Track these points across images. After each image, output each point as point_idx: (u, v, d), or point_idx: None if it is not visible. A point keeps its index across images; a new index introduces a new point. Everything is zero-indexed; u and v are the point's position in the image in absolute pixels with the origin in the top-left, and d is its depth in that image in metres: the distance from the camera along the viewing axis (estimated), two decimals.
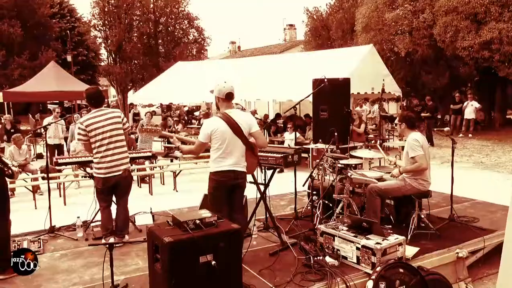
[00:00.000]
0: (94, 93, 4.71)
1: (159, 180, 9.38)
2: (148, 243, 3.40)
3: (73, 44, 28.10)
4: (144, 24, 27.78)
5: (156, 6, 28.32)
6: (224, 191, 3.99)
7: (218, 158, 3.92)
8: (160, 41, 29.03)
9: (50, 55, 24.63)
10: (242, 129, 3.93)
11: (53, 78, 15.54)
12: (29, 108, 25.18)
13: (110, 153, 4.60)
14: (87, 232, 5.15)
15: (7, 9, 24.33)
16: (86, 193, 8.49)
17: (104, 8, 26.29)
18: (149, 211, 5.80)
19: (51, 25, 27.63)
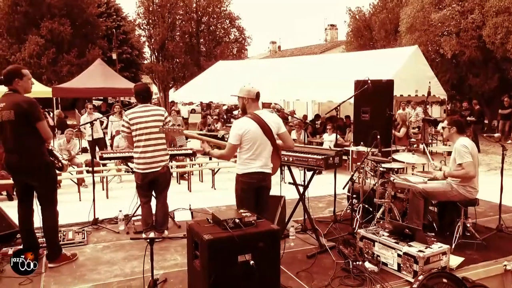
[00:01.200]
0: (141, 89, 4.84)
1: (198, 177, 9.50)
2: (188, 240, 3.44)
3: (118, 42, 28.92)
4: (186, 23, 28.26)
5: (198, 6, 28.74)
6: (252, 192, 3.96)
7: (247, 160, 3.87)
8: (201, 40, 29.45)
9: (96, 53, 25.46)
10: (272, 130, 3.90)
11: (99, 75, 16.06)
12: (75, 103, 26.13)
13: (150, 149, 4.69)
14: (128, 226, 5.28)
15: (58, 9, 25.36)
16: (128, 188, 8.72)
17: (149, 8, 26.94)
18: (188, 207, 5.88)
19: (98, 24, 28.55)
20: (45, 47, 24.24)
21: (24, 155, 3.89)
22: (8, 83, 3.89)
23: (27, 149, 3.89)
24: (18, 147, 3.87)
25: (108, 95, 23.07)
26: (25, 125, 3.82)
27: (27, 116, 3.81)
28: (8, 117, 3.79)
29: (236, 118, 22.04)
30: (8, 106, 3.80)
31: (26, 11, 24.91)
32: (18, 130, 3.83)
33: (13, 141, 3.86)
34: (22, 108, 3.78)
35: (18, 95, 3.89)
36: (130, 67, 32.62)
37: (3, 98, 3.91)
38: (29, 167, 3.94)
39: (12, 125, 3.81)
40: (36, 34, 24.37)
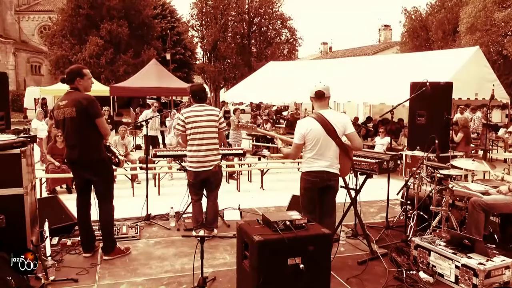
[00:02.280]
0: (197, 90, 4.92)
1: (247, 177, 9.54)
2: (238, 240, 3.44)
3: (172, 43, 29.74)
4: (238, 24, 28.58)
5: (250, 7, 28.99)
6: (316, 192, 3.92)
7: (311, 159, 3.86)
8: (253, 41, 29.68)
9: (151, 53, 26.32)
10: (336, 130, 3.83)
11: (153, 74, 16.53)
12: (130, 102, 27.12)
13: (203, 148, 4.75)
14: (179, 223, 5.39)
15: (116, 11, 26.47)
16: (179, 185, 8.91)
17: (202, 9, 27.49)
18: (237, 207, 5.90)
19: (154, 25, 29.50)
20: (104, 47, 25.36)
21: (84, 150, 4.06)
22: (71, 82, 4.09)
23: (87, 145, 4.06)
24: (78, 142, 4.04)
25: (161, 95, 23.71)
26: (85, 122, 3.99)
27: (88, 113, 3.98)
28: (70, 114, 3.97)
29: (285, 119, 22.03)
30: (70, 103, 3.99)
31: (88, 14, 26.19)
32: (79, 127, 4.00)
33: (74, 137, 4.04)
34: (82, 105, 3.95)
35: (79, 93, 4.08)
36: (182, 67, 33.41)
37: (65, 96, 4.10)
38: (89, 162, 4.11)
39: (73, 121, 3.99)
40: (96, 35, 25.56)
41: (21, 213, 3.76)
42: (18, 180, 3.72)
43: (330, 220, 4.07)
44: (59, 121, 4.09)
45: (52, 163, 8.06)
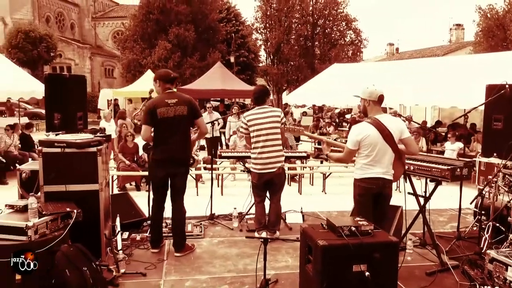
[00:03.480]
0: (260, 91, 4.96)
1: (309, 180, 9.47)
2: (301, 243, 3.42)
3: (236, 46, 30.24)
4: (302, 27, 28.50)
5: (315, 9, 28.78)
6: (370, 199, 3.79)
7: (366, 165, 3.73)
8: (316, 43, 29.44)
9: (216, 56, 26.93)
10: (393, 135, 3.68)
11: (218, 77, 16.93)
12: None
13: (266, 150, 4.77)
14: (241, 223, 5.46)
15: (184, 15, 27.39)
16: (241, 186, 9.02)
17: (266, 12, 27.71)
18: (299, 210, 5.87)
19: (219, 29, 30.15)
20: (171, 51, 26.33)
21: (186, 148, 4.35)
22: (171, 83, 4.35)
23: (188, 142, 4.37)
24: (182, 140, 4.29)
25: (226, 97, 24.22)
26: (190, 120, 4.28)
27: (194, 112, 4.25)
28: (182, 112, 4.20)
29: (348, 121, 21.62)
30: (181, 102, 4.22)
31: (157, 19, 27.33)
32: (185, 124, 4.27)
33: (180, 134, 4.25)
34: (192, 104, 4.26)
35: (181, 93, 4.37)
36: (246, 70, 33.84)
37: (170, 95, 4.28)
38: (185, 160, 4.39)
39: (183, 119, 4.22)
40: (165, 39, 26.59)
41: (96, 208, 3.99)
42: (94, 176, 3.94)
43: (385, 226, 3.91)
44: (168, 117, 4.18)
45: (123, 161, 8.49)
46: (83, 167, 3.92)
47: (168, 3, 27.13)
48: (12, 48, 29.01)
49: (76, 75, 5.26)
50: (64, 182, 3.89)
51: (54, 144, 3.87)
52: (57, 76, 5.10)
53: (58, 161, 3.87)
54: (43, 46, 29.99)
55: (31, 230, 3.26)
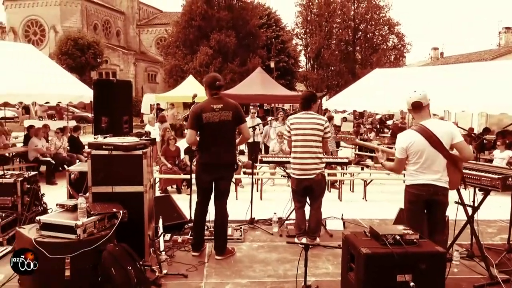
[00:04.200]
0: (306, 96, 4.95)
1: (349, 187, 9.32)
2: (343, 251, 3.37)
3: (276, 51, 30.33)
4: (343, 31, 28.24)
5: (356, 13, 28.45)
6: (421, 206, 3.69)
7: (415, 172, 3.65)
8: (357, 48, 29.08)
9: (256, 62, 27.13)
10: (441, 141, 3.56)
11: (258, 82, 17.00)
12: None
13: (306, 156, 4.74)
14: (281, 229, 5.44)
15: (225, 21, 27.81)
16: (280, 191, 9.01)
17: (307, 17, 27.65)
18: (339, 217, 5.79)
19: (259, 35, 30.37)
20: (213, 57, 26.76)
21: (231, 153, 4.40)
22: (219, 88, 4.41)
23: (233, 147, 4.43)
24: (229, 145, 4.36)
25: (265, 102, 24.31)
26: (235, 125, 4.34)
27: (239, 117, 4.30)
28: (227, 117, 4.27)
29: (389, 128, 21.15)
30: (227, 107, 4.29)
31: (199, 25, 27.87)
32: (230, 129, 4.33)
33: (224, 139, 4.33)
34: (237, 110, 4.31)
35: (227, 99, 4.42)
36: (286, 75, 33.85)
37: (215, 100, 4.34)
38: (230, 164, 4.42)
39: (227, 124, 4.29)
40: (206, 45, 27.07)
41: (140, 209, 4.09)
42: (140, 179, 4.05)
43: (441, 237, 3.78)
44: (212, 123, 4.25)
45: (165, 164, 8.68)
46: (129, 169, 4.03)
47: (209, 9, 27.63)
48: (62, 54, 30.42)
49: (123, 80, 5.44)
50: (111, 184, 4.01)
51: (102, 147, 4.01)
52: (105, 81, 5.29)
53: (106, 163, 4.00)
54: (90, 52, 31.26)
55: (80, 229, 3.39)
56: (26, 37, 40.90)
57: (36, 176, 5.62)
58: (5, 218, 4.85)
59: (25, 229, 3.68)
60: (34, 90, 9.81)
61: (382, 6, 28.19)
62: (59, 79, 11.32)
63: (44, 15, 40.51)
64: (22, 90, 9.47)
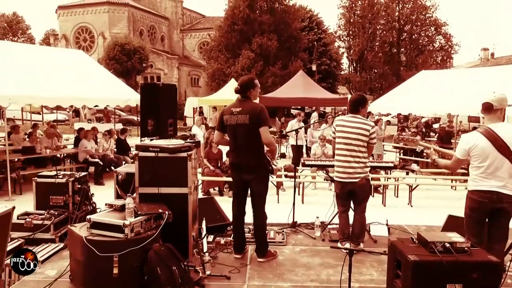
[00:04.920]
0: (354, 100, 4.87)
1: (393, 192, 9.09)
2: (389, 257, 3.28)
3: (318, 54, 30.15)
4: (387, 33, 27.69)
5: (401, 14, 27.82)
6: (483, 214, 3.54)
7: (478, 177, 3.51)
8: (402, 50, 28.43)
9: (298, 65, 27.08)
10: (509, 146, 3.39)
11: (300, 85, 16.99)
12: (275, 111, 28.22)
13: (349, 159, 4.66)
14: (324, 233, 5.37)
15: (267, 25, 27.96)
16: (322, 195, 8.92)
17: (350, 19, 27.31)
18: (384, 222, 5.66)
19: (301, 38, 30.31)
20: (254, 60, 26.96)
21: (252, 155, 4.35)
22: (243, 92, 4.42)
23: (255, 150, 4.35)
24: (247, 147, 4.34)
25: (306, 105, 24.23)
26: (256, 128, 4.26)
27: (258, 120, 4.25)
28: (243, 121, 4.29)
29: (436, 131, 20.45)
30: (244, 111, 4.30)
31: (241, 29, 28.17)
32: (250, 133, 4.29)
33: (243, 142, 4.34)
34: (255, 112, 4.26)
35: (251, 102, 4.41)
36: (327, 78, 33.58)
37: (237, 103, 4.41)
38: (253, 166, 4.38)
39: (245, 128, 4.29)
40: (248, 49, 27.32)
41: (185, 210, 4.16)
42: (184, 180, 4.12)
43: (500, 247, 3.59)
44: (230, 125, 4.37)
45: (207, 167, 8.81)
46: (174, 171, 4.11)
47: (252, 13, 27.87)
48: (109, 59, 31.59)
49: (168, 84, 5.55)
50: (156, 185, 4.11)
51: (149, 149, 4.11)
52: (151, 85, 5.44)
53: (152, 165, 4.10)
54: (136, 57, 32.27)
55: (128, 229, 3.49)
56: (76, 43, 42.79)
57: (86, 176, 5.86)
58: (58, 216, 5.07)
59: (76, 227, 3.83)
60: (85, 94, 10.24)
61: (428, 6, 27.43)
62: (107, 83, 11.75)
63: (94, 22, 42.25)
64: (74, 94, 9.91)
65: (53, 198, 5.36)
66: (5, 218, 3.04)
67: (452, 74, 17.84)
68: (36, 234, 4.84)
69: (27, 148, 9.77)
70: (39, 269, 4.15)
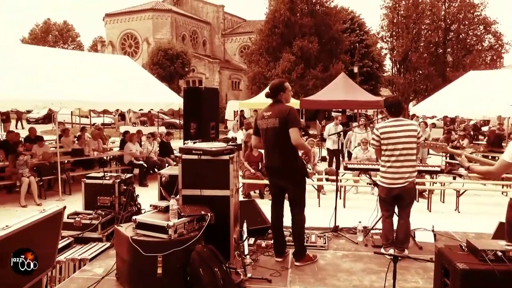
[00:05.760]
0: (393, 102, 4.75)
1: (439, 197, 8.79)
2: (436, 265, 3.18)
3: (360, 56, 29.66)
4: (432, 33, 26.82)
5: (447, 13, 26.90)
6: None
7: None
8: (448, 50, 27.45)
9: (339, 67, 26.75)
10: None
11: (341, 88, 16.71)
12: (316, 114, 28.01)
13: (398, 164, 4.54)
14: (366, 238, 5.26)
15: (308, 28, 27.82)
16: (363, 199, 8.76)
17: (393, 20, 26.69)
18: (430, 228, 5.47)
19: (342, 39, 29.94)
20: (295, 63, 26.88)
21: (283, 159, 4.33)
22: (274, 95, 4.42)
23: (287, 153, 4.32)
24: (279, 151, 4.33)
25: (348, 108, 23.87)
26: (286, 131, 4.25)
27: (287, 121, 4.24)
28: (274, 124, 4.30)
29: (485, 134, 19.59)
30: (274, 114, 4.32)
31: (282, 32, 28.19)
32: (280, 136, 4.28)
33: (275, 145, 4.35)
34: (284, 115, 4.24)
35: (282, 105, 4.40)
36: (369, 80, 32.98)
37: (269, 107, 4.45)
38: (286, 170, 4.36)
39: (276, 131, 4.30)
40: (289, 52, 27.28)
41: (226, 212, 4.19)
42: (226, 183, 4.16)
43: None
44: (262, 129, 4.45)
45: (248, 169, 8.86)
46: (216, 174, 4.15)
47: (292, 16, 27.83)
48: (153, 64, 32.43)
49: (210, 88, 5.64)
50: (199, 187, 4.16)
51: (192, 152, 4.18)
52: (194, 89, 5.54)
53: (195, 167, 4.16)
54: (179, 62, 32.96)
55: (172, 229, 3.57)
56: (122, 49, 44.26)
57: (131, 178, 6.04)
58: (105, 216, 5.26)
59: (122, 227, 3.95)
60: (130, 98, 10.57)
61: (476, 4, 26.33)
62: (152, 88, 12.09)
63: (139, 29, 43.59)
64: (120, 98, 10.26)
65: (100, 198, 5.56)
66: (57, 217, 3.18)
67: (503, 74, 17.08)
68: (85, 233, 5.04)
69: (76, 151, 10.21)
70: (87, 267, 4.32)
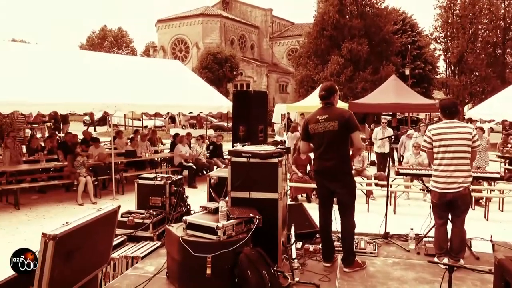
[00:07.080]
0: (448, 104, 4.59)
1: (498, 205, 8.34)
2: (496, 277, 3.01)
3: (411, 57, 28.78)
4: (490, 33, 25.52)
5: (507, 12, 25.50)
6: None
7: None
8: (508, 50, 26.00)
9: (390, 69, 26.09)
10: None
11: (391, 90, 16.29)
12: (365, 118, 27.44)
13: (451, 169, 4.36)
14: (418, 246, 5.08)
15: (357, 30, 27.36)
16: (414, 205, 8.49)
17: (448, 20, 25.69)
18: (487, 238, 5.20)
19: (393, 41, 29.18)
20: (344, 66, 26.50)
21: (338, 162, 4.28)
22: (327, 98, 4.38)
23: (342, 157, 4.29)
24: (335, 154, 4.28)
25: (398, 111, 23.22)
26: (344, 135, 4.23)
27: (348, 125, 4.19)
28: (332, 128, 4.24)
29: None
30: (332, 117, 4.26)
31: (331, 35, 27.91)
32: (338, 139, 4.25)
33: (331, 149, 4.28)
34: (344, 118, 4.20)
35: (338, 108, 4.38)
36: (421, 82, 31.93)
37: (322, 110, 4.38)
38: (339, 174, 4.31)
39: (334, 134, 4.24)
40: (337, 54, 26.95)
41: (275, 215, 4.19)
42: (275, 186, 4.17)
43: None
44: (317, 133, 4.34)
45: (295, 173, 8.82)
46: (265, 177, 4.17)
47: (341, 18, 27.49)
48: (202, 68, 33.13)
49: (259, 91, 5.68)
50: (248, 189, 4.20)
51: (241, 154, 4.22)
52: (243, 92, 5.59)
53: (244, 170, 4.20)
54: (227, 66, 33.46)
55: (221, 231, 3.61)
56: (173, 54, 45.56)
57: (182, 179, 6.19)
58: (156, 216, 5.42)
59: (173, 227, 4.05)
60: (181, 101, 10.85)
61: None
62: (201, 91, 12.34)
63: (189, 34, 44.71)
64: (171, 101, 10.55)
65: (152, 198, 5.74)
66: (112, 215, 3.32)
67: None
68: (137, 232, 5.21)
69: (129, 152, 10.59)
70: (139, 264, 4.46)
